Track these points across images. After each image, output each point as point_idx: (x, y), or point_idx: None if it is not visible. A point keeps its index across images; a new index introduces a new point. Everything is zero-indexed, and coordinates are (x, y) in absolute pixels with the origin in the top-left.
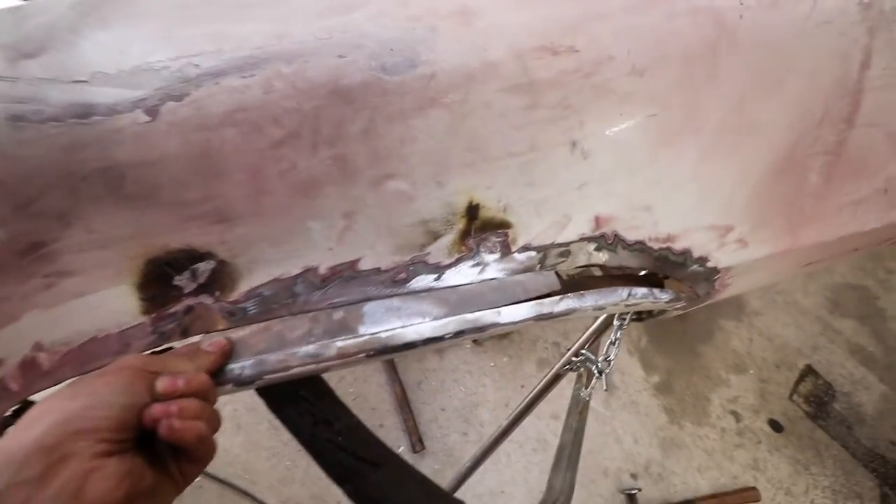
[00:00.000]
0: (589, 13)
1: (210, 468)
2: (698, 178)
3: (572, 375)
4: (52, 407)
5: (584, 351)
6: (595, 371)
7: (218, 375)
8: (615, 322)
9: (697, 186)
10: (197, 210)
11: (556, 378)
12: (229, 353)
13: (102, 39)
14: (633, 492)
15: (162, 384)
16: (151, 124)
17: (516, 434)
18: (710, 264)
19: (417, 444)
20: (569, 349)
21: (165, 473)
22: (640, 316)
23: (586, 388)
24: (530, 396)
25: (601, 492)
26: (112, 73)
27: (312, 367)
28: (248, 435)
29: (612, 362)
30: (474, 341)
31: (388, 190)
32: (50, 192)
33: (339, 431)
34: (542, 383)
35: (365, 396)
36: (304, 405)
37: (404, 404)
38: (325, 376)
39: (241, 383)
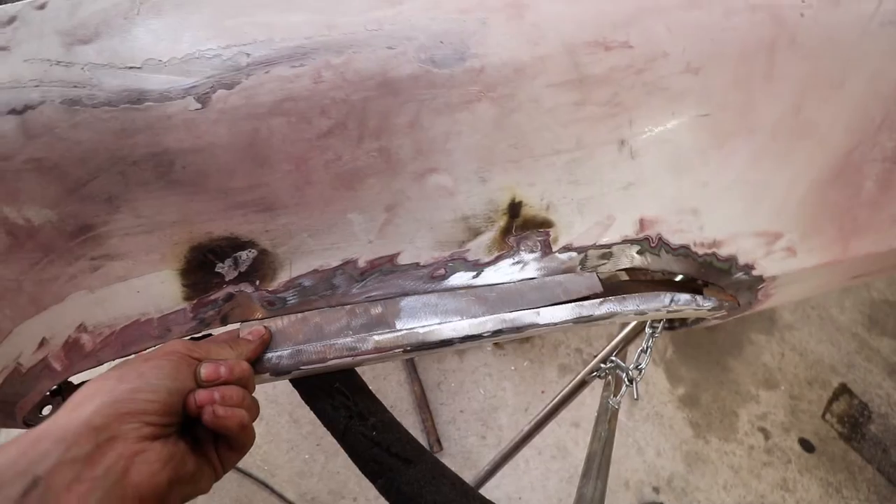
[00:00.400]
0: (644, 8)
1: None
2: (749, 182)
3: (596, 382)
4: (101, 388)
5: (613, 357)
6: (625, 379)
7: (256, 364)
8: (647, 329)
9: (747, 190)
10: (242, 198)
11: (582, 385)
12: (268, 342)
13: (155, 27)
14: None
15: (206, 371)
16: (202, 111)
17: (536, 440)
18: (755, 272)
19: (435, 444)
20: (594, 356)
21: (206, 460)
22: (671, 324)
23: (615, 395)
24: (554, 402)
25: None
26: (164, 61)
27: (349, 359)
28: (268, 426)
29: (643, 370)
30: (495, 344)
31: (430, 184)
32: (101, 175)
33: (374, 426)
34: (566, 389)
35: (384, 394)
36: (340, 398)
37: (423, 404)
38: None
39: (279, 373)
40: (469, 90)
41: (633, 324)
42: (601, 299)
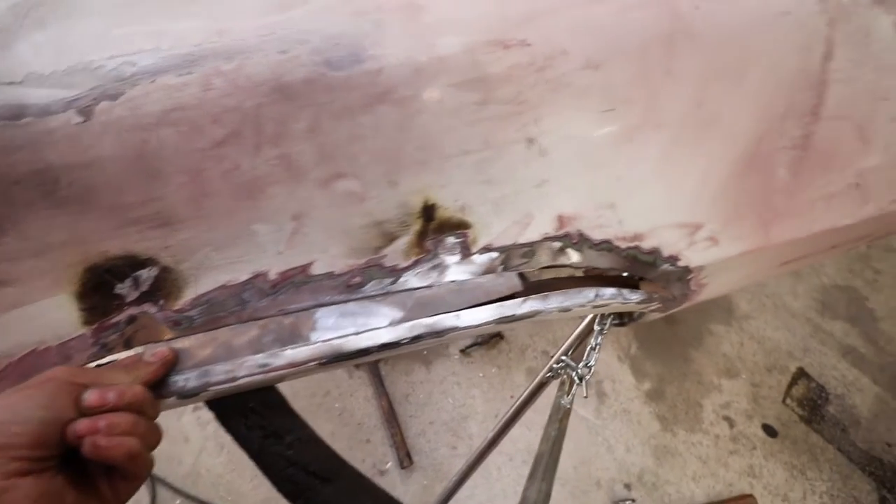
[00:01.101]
0: (540, 7)
1: (193, 489)
2: (662, 175)
3: (557, 384)
4: None
5: (563, 357)
6: (575, 377)
7: (160, 388)
8: (595, 327)
9: (662, 183)
10: (137, 214)
11: (541, 386)
12: (172, 364)
13: (38, 40)
14: (627, 502)
15: (90, 398)
16: (85, 125)
17: (506, 447)
18: (681, 263)
19: (405, 459)
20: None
21: (94, 493)
22: (621, 320)
23: (567, 395)
24: (515, 406)
25: (594, 503)
26: (46, 74)
27: (261, 377)
28: (231, 454)
29: (592, 368)
30: (462, 351)
31: (337, 190)
32: None
33: (290, 445)
34: (526, 392)
35: (351, 411)
36: (254, 418)
37: (391, 418)
38: (305, 390)
39: (186, 396)
40: (368, 92)
41: (584, 323)
42: (523, 298)
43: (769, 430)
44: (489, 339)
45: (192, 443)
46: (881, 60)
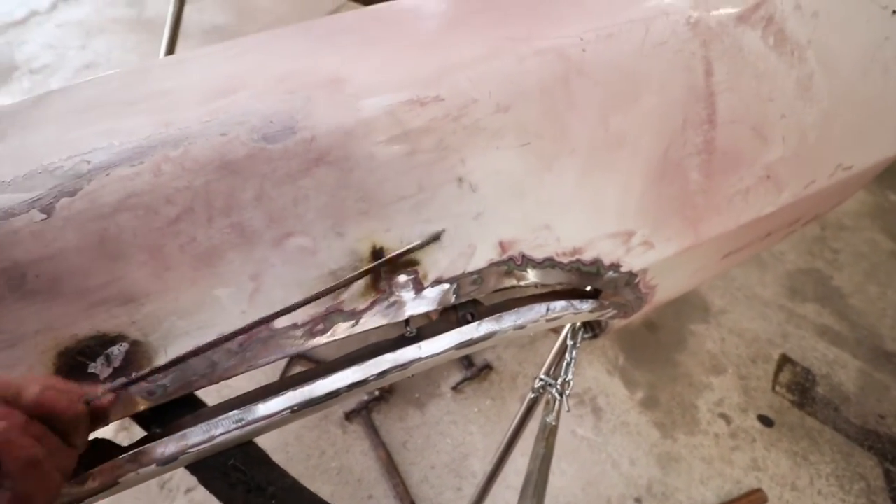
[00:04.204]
0: (446, 66)
1: None
2: (585, 193)
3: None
4: None
5: (542, 377)
6: (556, 394)
7: (140, 457)
8: (568, 342)
9: (587, 200)
10: (101, 295)
11: (530, 410)
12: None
13: (0, 152)
14: None
15: None
16: (47, 221)
17: (511, 479)
18: (623, 269)
19: None
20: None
21: None
22: (593, 333)
23: (553, 412)
24: (508, 436)
25: None
26: (8, 181)
27: (237, 432)
28: None
29: (571, 383)
30: (453, 389)
31: (290, 247)
32: None
33: (273, 496)
34: (516, 419)
35: (349, 468)
36: (236, 475)
37: (391, 468)
38: (300, 454)
39: (166, 462)
40: (306, 158)
41: (559, 340)
42: (478, 321)
43: (765, 421)
44: (479, 373)
45: None
46: (758, 68)
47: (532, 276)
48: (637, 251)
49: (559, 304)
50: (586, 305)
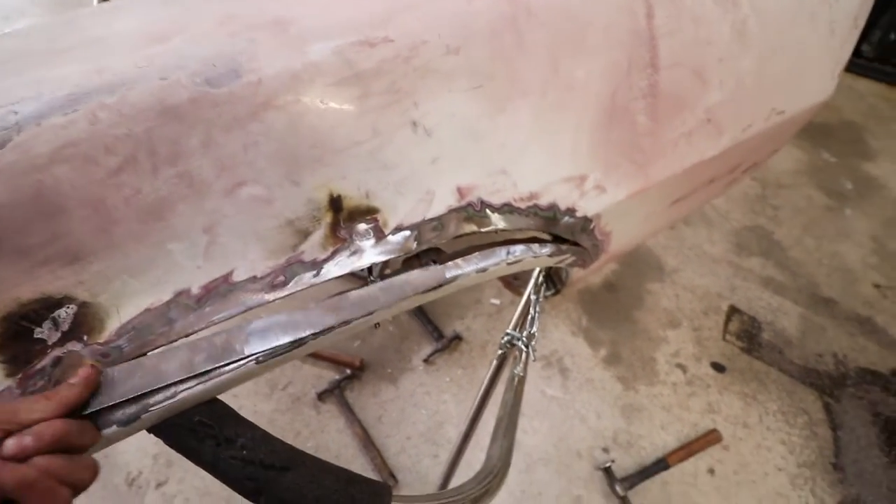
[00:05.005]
0: (395, 7)
1: None
2: (539, 136)
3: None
4: None
5: (509, 332)
6: (521, 346)
7: (98, 419)
8: (532, 297)
9: (541, 143)
10: (43, 254)
11: (499, 369)
12: (95, 383)
13: None
14: (608, 465)
15: (7, 450)
16: None
17: (485, 440)
18: (578, 214)
19: (390, 479)
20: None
21: None
22: (556, 289)
23: (520, 364)
24: (481, 393)
25: (579, 474)
26: None
27: (200, 387)
28: None
29: (535, 335)
30: (425, 361)
31: (243, 197)
32: None
33: (243, 446)
34: (487, 378)
35: (326, 446)
36: (203, 430)
37: (368, 443)
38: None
39: (127, 423)
40: (253, 102)
41: (523, 300)
42: (442, 266)
43: (718, 367)
44: (449, 343)
45: None
46: (695, 12)
47: (492, 221)
48: (591, 195)
49: (519, 248)
50: (545, 249)
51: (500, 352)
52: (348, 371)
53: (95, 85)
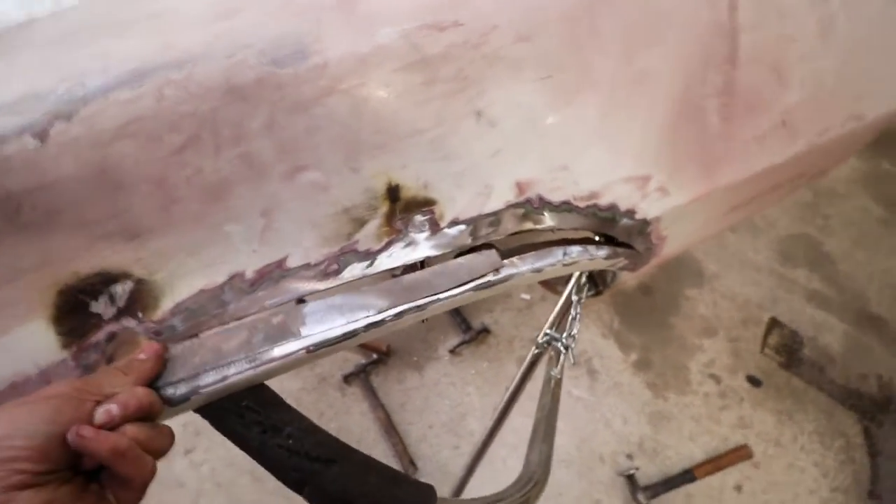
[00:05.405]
0: None
1: None
2: (605, 133)
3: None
4: None
5: (548, 331)
6: (561, 348)
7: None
8: (573, 297)
9: (606, 140)
10: (104, 229)
11: (532, 367)
12: (162, 358)
13: None
14: (632, 472)
15: (100, 417)
16: (42, 148)
17: (509, 437)
18: (638, 216)
19: (410, 467)
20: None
21: (97, 502)
22: (597, 289)
23: (556, 366)
24: (511, 391)
25: (600, 478)
26: None
27: (251, 372)
28: (229, 492)
29: (576, 337)
30: (451, 352)
31: (302, 182)
32: None
33: (290, 435)
34: (518, 375)
35: (348, 429)
36: (250, 415)
37: (390, 429)
38: None
39: (176, 403)
40: (317, 85)
41: (562, 299)
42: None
43: (753, 381)
44: (476, 336)
45: (188, 487)
46: (781, 5)
47: (548, 220)
48: (653, 197)
49: (575, 249)
50: (602, 252)
51: (535, 351)
52: (374, 356)
53: (162, 60)
